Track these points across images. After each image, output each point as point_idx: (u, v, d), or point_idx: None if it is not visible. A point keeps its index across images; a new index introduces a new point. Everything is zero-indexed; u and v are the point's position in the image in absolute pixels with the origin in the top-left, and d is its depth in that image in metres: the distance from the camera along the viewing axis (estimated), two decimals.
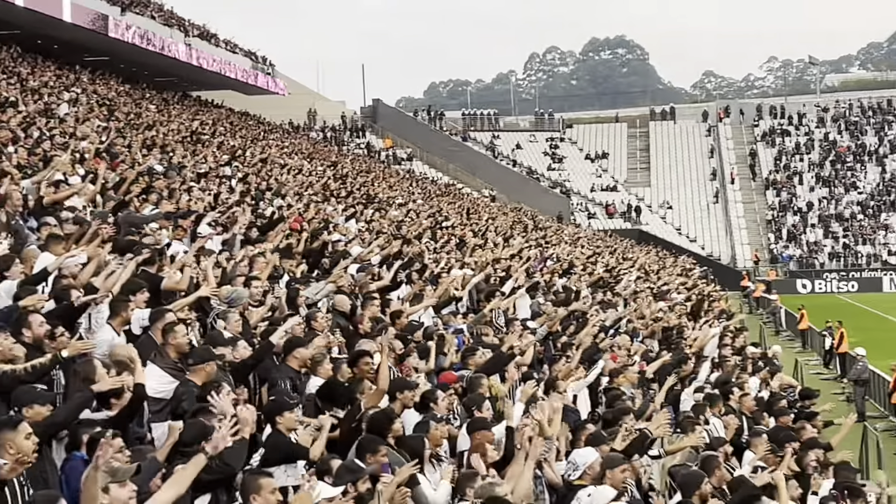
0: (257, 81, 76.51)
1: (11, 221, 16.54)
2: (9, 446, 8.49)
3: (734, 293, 67.78)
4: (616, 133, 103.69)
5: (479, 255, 32.05)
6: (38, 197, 18.52)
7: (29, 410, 9.30)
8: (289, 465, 10.56)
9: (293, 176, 42.05)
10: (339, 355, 14.54)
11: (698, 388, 20.07)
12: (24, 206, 17.91)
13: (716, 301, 45.95)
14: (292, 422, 10.94)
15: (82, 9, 55.10)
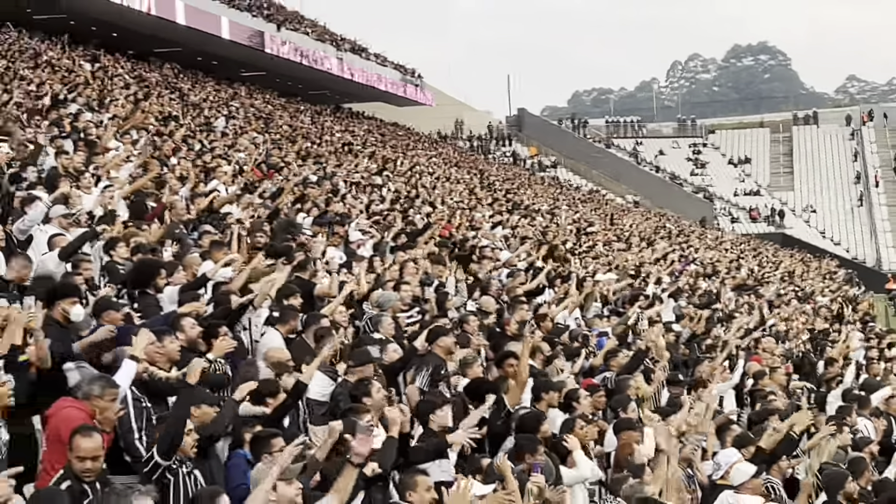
0: (406, 93, 76.93)
1: (175, 230, 16.86)
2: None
3: (879, 296, 66.53)
4: (759, 138, 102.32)
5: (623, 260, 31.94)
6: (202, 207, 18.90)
7: (197, 410, 9.47)
8: (442, 460, 10.63)
9: (441, 184, 42.26)
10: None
11: (845, 390, 19.72)
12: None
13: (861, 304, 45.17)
14: (445, 419, 10.99)
15: (240, 26, 56.02)
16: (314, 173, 31.06)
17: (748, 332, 23.54)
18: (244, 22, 56.85)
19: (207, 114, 39.91)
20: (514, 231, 32.06)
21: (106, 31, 49.46)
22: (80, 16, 46.91)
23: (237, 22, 55.83)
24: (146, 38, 51.21)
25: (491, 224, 31.48)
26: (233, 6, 56.60)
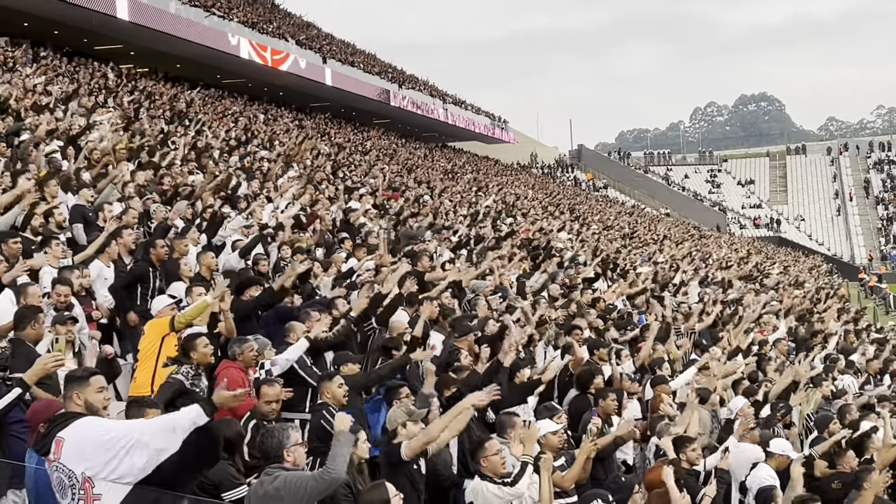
0: (494, 134, 76.95)
1: (325, 237, 17.07)
2: (326, 392, 8.79)
3: (853, 283, 65.43)
4: (761, 165, 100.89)
5: (659, 256, 31.66)
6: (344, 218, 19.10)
7: (344, 368, 9.56)
8: (524, 405, 10.61)
9: (521, 201, 42.21)
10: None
11: (827, 355, 19.40)
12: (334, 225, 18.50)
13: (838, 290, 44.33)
14: (524, 376, 10.98)
15: (372, 86, 56.51)
16: (426, 193, 31.22)
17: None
18: (375, 83, 57.31)
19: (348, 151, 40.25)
20: (578, 236, 31.94)
21: (275, 91, 50.25)
22: (254, 79, 47.75)
23: (369, 83, 56.31)
24: (303, 94, 51.90)
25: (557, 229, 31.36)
26: (366, 70, 57.12)
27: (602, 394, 10.89)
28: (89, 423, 5.33)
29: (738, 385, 13.36)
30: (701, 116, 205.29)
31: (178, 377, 8.53)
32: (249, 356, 9.11)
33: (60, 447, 5.25)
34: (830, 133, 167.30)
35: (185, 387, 8.44)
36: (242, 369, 8.97)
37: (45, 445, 5.39)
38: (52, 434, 5.36)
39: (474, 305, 14.35)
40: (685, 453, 9.25)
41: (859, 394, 16.28)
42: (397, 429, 8.14)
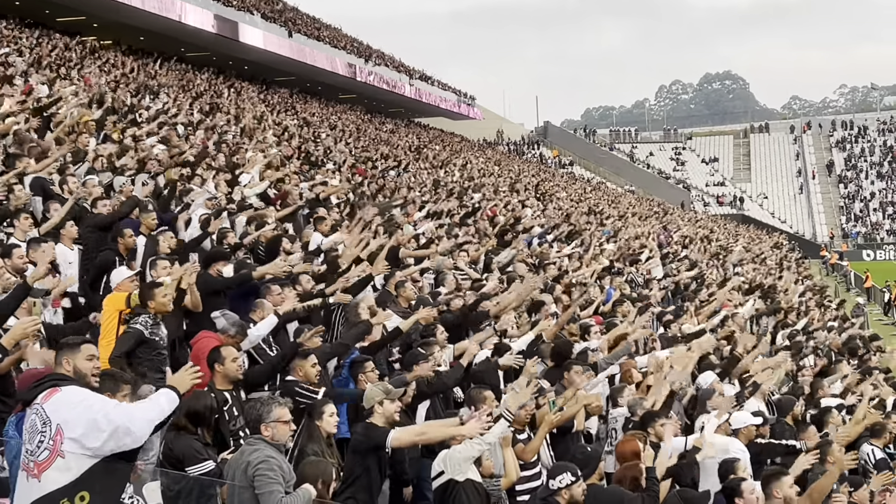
0: (461, 110, 76.88)
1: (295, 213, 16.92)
2: (299, 370, 8.74)
3: (815, 260, 66.07)
4: (724, 143, 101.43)
5: (624, 233, 31.75)
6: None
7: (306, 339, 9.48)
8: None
9: (486, 177, 42.15)
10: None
11: (791, 332, 19.55)
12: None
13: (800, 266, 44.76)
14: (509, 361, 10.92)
15: (337, 61, 56.19)
16: (393, 169, 31.12)
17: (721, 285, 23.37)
18: (341, 58, 56.99)
19: (315, 128, 39.97)
20: (542, 212, 31.95)
21: (240, 64, 49.87)
22: (220, 53, 47.35)
23: (335, 58, 55.99)
24: (268, 69, 51.54)
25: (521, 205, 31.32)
26: (333, 45, 56.78)
27: (567, 366, 10.89)
28: (82, 392, 5.24)
29: (704, 360, 13.41)
30: (666, 94, 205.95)
31: (138, 327, 8.53)
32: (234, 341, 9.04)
33: (50, 397, 5.14)
34: (794, 112, 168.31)
35: (145, 336, 8.50)
36: (221, 340, 8.88)
37: (32, 395, 5.28)
38: (43, 386, 5.27)
39: (441, 282, 14.32)
40: (653, 428, 9.27)
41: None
42: (374, 407, 8.09)
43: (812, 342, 18.92)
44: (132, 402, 5.54)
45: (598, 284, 18.64)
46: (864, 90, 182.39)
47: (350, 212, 17.90)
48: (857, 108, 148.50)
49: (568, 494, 7.53)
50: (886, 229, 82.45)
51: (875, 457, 11.01)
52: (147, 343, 8.52)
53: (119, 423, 4.98)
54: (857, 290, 53.00)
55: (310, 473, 6.71)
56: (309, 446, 7.54)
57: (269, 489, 6.30)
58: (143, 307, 8.76)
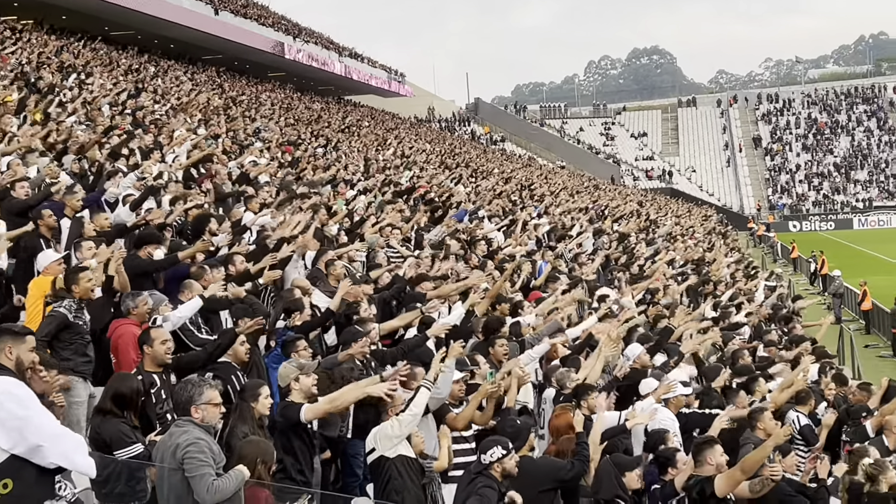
0: (391, 87, 76.57)
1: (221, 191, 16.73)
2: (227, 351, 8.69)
3: (742, 232, 67.16)
4: (653, 118, 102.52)
5: (556, 208, 31.91)
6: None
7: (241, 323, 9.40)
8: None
9: (418, 154, 42.05)
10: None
11: (716, 303, 19.77)
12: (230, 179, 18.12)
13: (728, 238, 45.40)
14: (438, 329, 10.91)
15: (266, 39, 55.59)
16: (323, 147, 30.91)
17: (650, 258, 23.63)
18: (268, 34, 56.40)
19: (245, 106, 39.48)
20: (475, 189, 31.98)
21: (165, 43, 49.12)
22: (145, 31, 46.58)
23: (262, 35, 55.39)
24: (194, 47, 50.84)
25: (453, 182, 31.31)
26: (260, 22, 56.13)
27: (492, 341, 10.93)
28: (19, 386, 5.03)
29: (633, 332, 13.54)
30: (595, 70, 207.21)
31: (61, 311, 8.44)
32: (143, 310, 8.93)
33: None
34: (720, 86, 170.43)
35: (69, 320, 8.42)
36: (136, 324, 8.78)
37: None
38: None
39: (373, 258, 14.27)
40: (586, 401, 9.35)
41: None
42: (290, 384, 8.07)
43: (740, 312, 19.20)
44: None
45: (529, 260, 18.72)
46: (788, 63, 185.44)
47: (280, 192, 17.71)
48: (782, 81, 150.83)
49: (500, 468, 7.59)
50: (812, 200, 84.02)
51: (800, 423, 11.22)
52: (70, 327, 8.43)
53: (38, 441, 4.79)
54: (783, 261, 54.00)
55: (249, 453, 6.65)
56: (239, 427, 7.49)
57: (200, 472, 6.23)
58: (68, 291, 8.63)
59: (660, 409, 9.98)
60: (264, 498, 6.64)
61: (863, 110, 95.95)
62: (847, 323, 32.45)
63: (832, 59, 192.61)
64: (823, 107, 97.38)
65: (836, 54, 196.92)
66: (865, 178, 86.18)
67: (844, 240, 65.97)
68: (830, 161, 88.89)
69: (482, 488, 7.43)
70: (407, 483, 7.77)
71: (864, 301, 32.96)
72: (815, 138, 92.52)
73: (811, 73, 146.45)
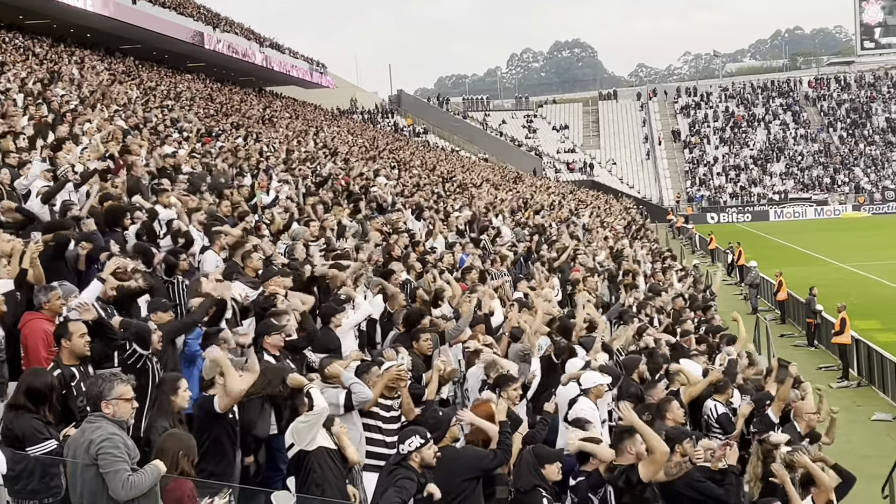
0: (313, 78, 76.09)
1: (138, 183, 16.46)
2: None
3: (662, 224, 68.04)
4: (574, 110, 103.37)
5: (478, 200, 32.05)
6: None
7: (154, 316, 9.32)
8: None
9: (340, 146, 41.88)
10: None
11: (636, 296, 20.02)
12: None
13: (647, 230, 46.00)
14: (340, 320, 10.93)
15: (185, 28, 54.85)
16: (244, 139, 30.62)
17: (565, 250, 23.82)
18: (188, 25, 55.65)
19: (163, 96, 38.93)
20: (398, 182, 31.94)
21: (82, 32, 48.18)
22: (61, 21, 45.63)
23: (181, 24, 54.63)
24: (112, 36, 49.95)
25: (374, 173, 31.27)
26: (179, 12, 55.34)
27: (416, 335, 10.96)
28: None
29: (552, 324, 13.66)
30: (517, 63, 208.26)
31: None
32: (56, 304, 8.75)
33: None
34: (640, 79, 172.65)
35: None
36: (49, 319, 8.62)
37: None
38: None
39: (291, 251, 14.18)
40: (507, 392, 9.41)
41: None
42: (214, 378, 8.02)
43: (658, 302, 19.50)
44: None
45: (451, 252, 18.80)
46: (706, 58, 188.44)
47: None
48: (700, 75, 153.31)
49: (419, 457, 7.63)
50: (729, 193, 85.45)
51: (717, 412, 11.46)
52: None
53: None
54: (701, 252, 54.91)
55: (170, 447, 6.60)
56: (158, 422, 7.43)
57: (115, 468, 6.16)
58: None
59: (581, 400, 10.11)
60: (188, 492, 6.59)
61: (779, 104, 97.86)
62: (763, 313, 33.17)
63: (749, 54, 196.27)
64: (740, 100, 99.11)
65: (753, 48, 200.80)
66: (781, 170, 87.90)
67: (761, 231, 67.30)
68: (747, 154, 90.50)
69: (401, 479, 7.46)
70: (328, 475, 7.78)
71: (780, 291, 33.67)
72: (733, 131, 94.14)
73: (729, 67, 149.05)
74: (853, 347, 25.09)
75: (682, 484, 8.34)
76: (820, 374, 24.33)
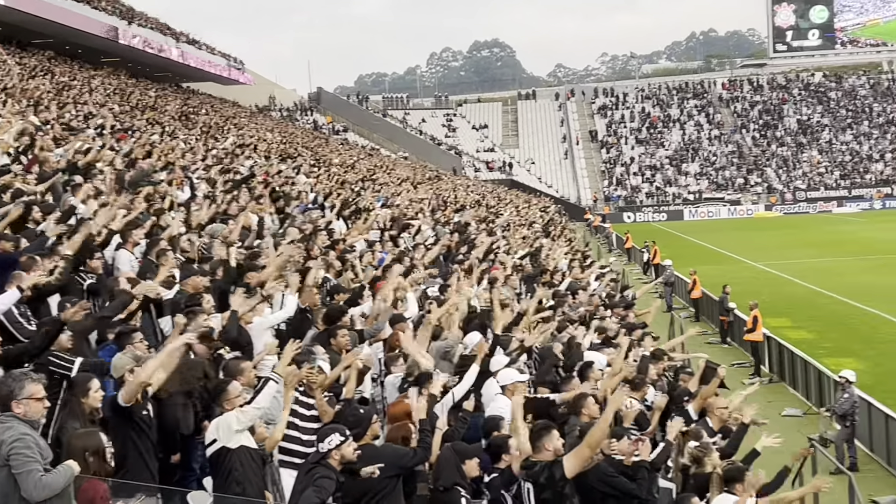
0: (231, 75, 75.33)
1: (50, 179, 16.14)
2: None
3: (580, 223, 68.81)
4: (493, 110, 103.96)
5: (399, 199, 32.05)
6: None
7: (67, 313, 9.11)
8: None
9: (259, 143, 41.48)
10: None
11: (555, 291, 20.16)
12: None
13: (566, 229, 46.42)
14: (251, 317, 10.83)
15: (99, 23, 53.86)
16: (159, 135, 30.17)
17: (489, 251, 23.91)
18: (101, 18, 54.66)
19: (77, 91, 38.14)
20: (318, 179, 31.74)
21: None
22: None
23: (95, 18, 53.63)
24: (23, 30, 48.83)
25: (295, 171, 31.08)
26: (93, 6, 54.32)
27: (333, 332, 10.91)
28: None
29: (471, 321, 13.70)
30: (437, 61, 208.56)
31: None
32: None
33: None
34: (559, 80, 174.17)
35: None
36: None
37: None
38: None
39: (209, 248, 14.02)
40: (426, 388, 9.42)
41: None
42: (124, 375, 7.90)
43: (575, 300, 19.68)
44: None
45: (371, 250, 18.76)
46: (623, 59, 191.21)
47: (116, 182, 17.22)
48: (617, 75, 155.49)
49: (339, 455, 7.62)
50: (645, 192, 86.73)
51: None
52: None
53: None
54: (618, 251, 55.62)
55: (76, 446, 6.50)
56: (69, 423, 7.30)
57: (28, 468, 6.06)
58: None
59: (496, 398, 10.15)
60: (101, 493, 6.49)
61: (693, 105, 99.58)
62: (677, 311, 33.73)
63: (665, 55, 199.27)
64: (656, 101, 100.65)
65: (669, 50, 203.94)
66: (696, 170, 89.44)
67: (676, 230, 68.43)
68: (663, 154, 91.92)
69: (320, 479, 7.44)
70: (248, 474, 7.75)
71: (694, 290, 34.26)
72: (649, 132, 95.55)
73: (645, 69, 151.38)
74: (765, 345, 25.63)
75: (595, 478, 8.40)
76: (733, 371, 24.81)
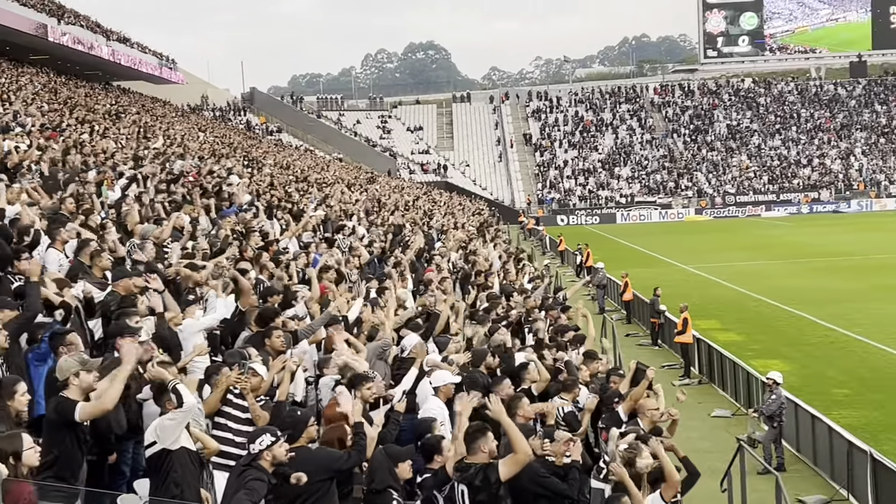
0: (162, 74, 74.48)
1: None
2: None
3: (514, 226, 69.15)
4: (428, 112, 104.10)
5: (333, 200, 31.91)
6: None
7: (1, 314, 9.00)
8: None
9: (191, 143, 41.08)
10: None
11: (489, 294, 20.24)
12: None
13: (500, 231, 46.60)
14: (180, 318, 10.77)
15: (27, 20, 52.88)
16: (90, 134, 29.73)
17: (424, 251, 23.95)
18: (31, 16, 53.68)
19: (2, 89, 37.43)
20: (251, 179, 31.51)
21: None
22: None
23: (23, 15, 52.65)
24: None
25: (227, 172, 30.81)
26: (21, 3, 53.34)
27: (268, 333, 10.86)
28: None
29: (410, 322, 13.74)
30: (372, 63, 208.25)
31: None
32: None
33: None
34: (493, 83, 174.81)
35: None
36: None
37: None
38: None
39: (141, 248, 13.85)
40: (360, 391, 9.41)
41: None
42: (69, 378, 7.75)
43: (509, 302, 19.79)
44: None
45: (305, 252, 18.67)
46: (557, 62, 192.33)
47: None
48: (551, 79, 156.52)
49: (270, 455, 7.60)
50: (578, 195, 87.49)
51: (563, 410, 11.72)
52: None
53: None
54: (551, 254, 56.01)
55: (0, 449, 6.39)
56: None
57: None
58: None
59: (428, 399, 10.19)
60: (27, 495, 6.38)
61: (626, 109, 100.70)
62: (609, 313, 34.09)
63: (598, 60, 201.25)
64: (589, 105, 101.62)
65: (602, 55, 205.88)
66: (628, 174, 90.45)
67: (608, 233, 69.15)
68: (596, 158, 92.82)
69: (251, 481, 7.40)
70: (187, 476, 7.70)
71: (626, 292, 34.62)
72: (582, 135, 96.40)
73: (578, 73, 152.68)
74: (695, 346, 25.99)
75: (527, 479, 8.47)
76: (663, 373, 25.12)
